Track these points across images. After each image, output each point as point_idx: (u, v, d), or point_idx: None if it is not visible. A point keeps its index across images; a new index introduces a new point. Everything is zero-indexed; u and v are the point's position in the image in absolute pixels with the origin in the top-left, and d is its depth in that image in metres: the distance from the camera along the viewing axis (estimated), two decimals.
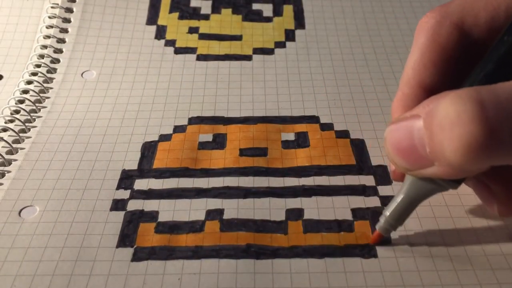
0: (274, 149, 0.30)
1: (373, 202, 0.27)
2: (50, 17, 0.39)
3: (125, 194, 0.27)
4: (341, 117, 0.32)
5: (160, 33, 0.39)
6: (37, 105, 0.33)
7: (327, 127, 0.31)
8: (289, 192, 0.27)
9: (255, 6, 0.42)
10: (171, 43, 0.38)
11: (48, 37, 0.37)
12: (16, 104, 0.32)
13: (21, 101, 0.33)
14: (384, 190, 0.27)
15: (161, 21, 0.40)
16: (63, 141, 0.30)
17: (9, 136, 0.30)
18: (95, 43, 0.38)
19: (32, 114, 0.32)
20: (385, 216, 0.23)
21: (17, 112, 0.32)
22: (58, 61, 0.36)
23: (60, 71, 0.36)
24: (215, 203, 0.27)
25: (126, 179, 0.28)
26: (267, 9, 0.42)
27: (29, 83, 0.34)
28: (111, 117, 0.32)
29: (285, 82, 0.35)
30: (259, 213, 0.26)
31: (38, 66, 0.35)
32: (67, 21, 0.39)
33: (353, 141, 0.31)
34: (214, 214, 0.26)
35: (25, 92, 0.33)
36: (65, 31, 0.38)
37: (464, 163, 0.18)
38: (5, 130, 0.30)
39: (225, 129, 0.31)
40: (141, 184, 0.28)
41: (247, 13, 0.41)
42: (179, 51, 0.38)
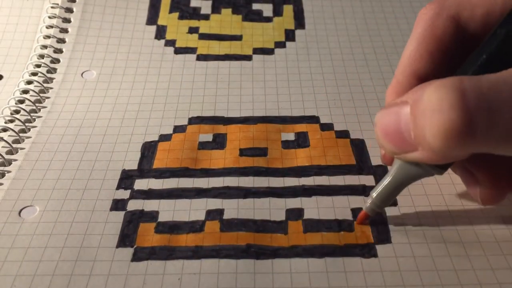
0: (274, 149, 0.30)
1: None
2: (50, 17, 0.39)
3: (125, 194, 0.27)
4: (341, 117, 0.32)
5: (160, 33, 0.39)
6: (37, 105, 0.33)
7: (327, 127, 0.31)
8: (289, 192, 0.27)
9: (255, 6, 0.42)
10: (171, 43, 0.38)
11: (48, 37, 0.37)
12: (16, 104, 0.32)
13: (21, 101, 0.33)
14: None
15: (161, 21, 0.40)
16: (63, 141, 0.30)
17: (9, 136, 0.30)
18: (95, 43, 0.38)
19: (32, 114, 0.32)
20: (372, 197, 0.24)
21: (17, 112, 0.32)
22: (58, 61, 0.36)
23: (60, 71, 0.36)
24: (215, 203, 0.27)
25: (126, 179, 0.28)
26: (267, 9, 0.42)
27: (29, 83, 0.34)
28: (111, 117, 0.32)
29: (285, 82, 0.35)
30: (259, 213, 0.26)
31: (38, 66, 0.35)
32: (67, 21, 0.39)
33: (353, 141, 0.31)
34: (214, 214, 0.26)
35: (25, 92, 0.33)
36: (65, 31, 0.38)
37: (443, 148, 0.19)
38: (5, 130, 0.30)
39: (225, 129, 0.31)
40: (141, 184, 0.28)
41: (247, 13, 0.41)
42: (179, 51, 0.38)
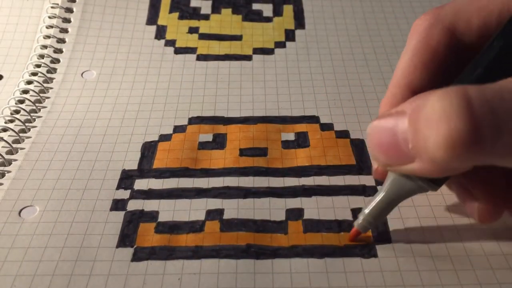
0: (274, 149, 0.30)
1: None
2: (50, 17, 0.39)
3: (125, 194, 0.27)
4: (341, 117, 0.32)
5: (160, 33, 0.39)
6: (37, 105, 0.33)
7: (327, 127, 0.31)
8: (289, 192, 0.27)
9: (255, 6, 0.42)
10: (171, 43, 0.38)
11: (48, 37, 0.37)
12: (16, 104, 0.32)
13: (21, 101, 0.33)
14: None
15: (161, 21, 0.40)
16: (63, 141, 0.30)
17: (9, 136, 0.30)
18: (95, 43, 0.38)
19: (32, 114, 0.32)
20: (364, 214, 0.23)
21: (17, 112, 0.32)
22: (58, 61, 0.36)
23: (60, 71, 0.36)
24: (215, 203, 0.27)
25: (126, 179, 0.28)
26: (267, 9, 0.42)
27: (29, 83, 0.34)
28: (111, 117, 0.32)
29: (285, 82, 0.35)
30: (259, 213, 0.26)
31: (38, 66, 0.35)
32: (67, 21, 0.39)
33: (353, 141, 0.31)
34: (214, 214, 0.26)
35: (25, 92, 0.33)
36: (65, 31, 0.38)
37: (447, 158, 0.18)
38: (5, 130, 0.30)
39: (225, 129, 0.31)
40: (141, 184, 0.28)
41: (247, 13, 0.41)
42: (179, 51, 0.38)
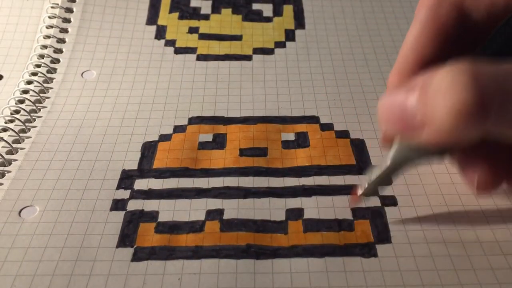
0: (274, 149, 0.30)
1: (373, 201, 0.27)
2: (50, 17, 0.39)
3: (125, 194, 0.27)
4: (341, 117, 0.32)
5: (160, 33, 0.39)
6: (37, 105, 0.33)
7: (327, 127, 0.31)
8: (289, 192, 0.27)
9: (255, 6, 0.42)
10: (171, 43, 0.38)
11: (48, 37, 0.37)
12: (16, 104, 0.32)
13: (21, 101, 0.33)
14: (384, 190, 0.27)
15: (161, 21, 0.40)
16: (63, 141, 0.30)
17: (9, 136, 0.30)
18: (95, 43, 0.38)
19: (32, 114, 0.32)
20: (370, 180, 0.24)
21: (17, 112, 0.32)
22: (58, 61, 0.36)
23: (60, 71, 0.36)
24: (215, 203, 0.27)
25: (126, 179, 0.28)
26: (267, 9, 0.42)
27: (29, 83, 0.34)
28: (111, 117, 0.32)
29: (285, 82, 0.35)
30: (259, 213, 0.26)
31: (38, 66, 0.35)
32: (67, 21, 0.39)
33: (353, 141, 0.31)
34: (214, 214, 0.26)
35: (25, 92, 0.33)
36: (65, 31, 0.38)
37: (453, 127, 0.19)
38: (5, 130, 0.30)
39: (225, 129, 0.31)
40: (141, 184, 0.28)
41: (247, 13, 0.41)
42: (179, 51, 0.38)
